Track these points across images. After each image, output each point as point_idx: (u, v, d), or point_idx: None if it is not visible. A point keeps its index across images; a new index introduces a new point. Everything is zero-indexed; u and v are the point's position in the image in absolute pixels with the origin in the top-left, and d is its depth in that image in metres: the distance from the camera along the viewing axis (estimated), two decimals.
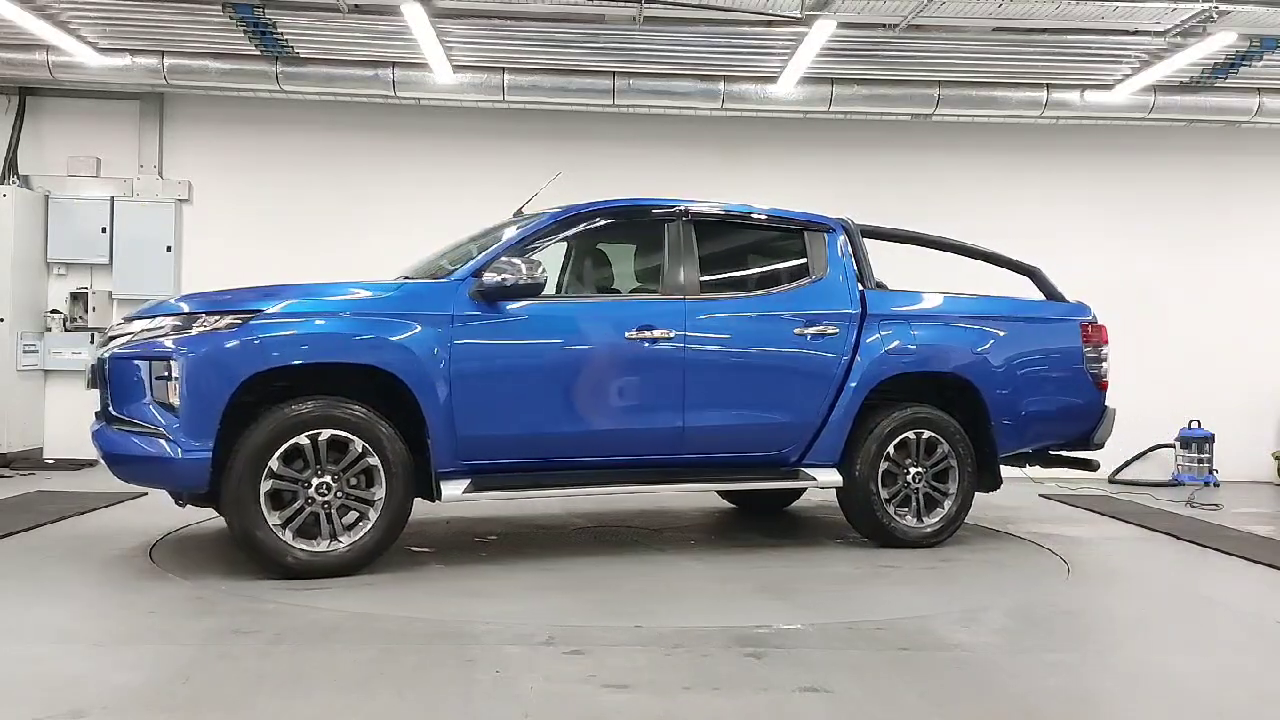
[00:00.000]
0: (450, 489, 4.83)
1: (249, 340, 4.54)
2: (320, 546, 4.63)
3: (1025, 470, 7.17)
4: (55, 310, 9.14)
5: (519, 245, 5.14)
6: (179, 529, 5.78)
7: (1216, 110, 8.93)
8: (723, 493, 7.23)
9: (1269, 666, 3.85)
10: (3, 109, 9.12)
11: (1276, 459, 9.77)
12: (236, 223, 9.25)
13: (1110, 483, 9.39)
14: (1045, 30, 7.72)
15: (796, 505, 7.29)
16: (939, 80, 8.74)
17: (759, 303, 5.64)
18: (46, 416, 9.10)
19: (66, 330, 9.06)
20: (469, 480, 4.88)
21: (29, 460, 8.69)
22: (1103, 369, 6.36)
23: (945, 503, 5.83)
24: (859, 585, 4.97)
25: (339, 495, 4.65)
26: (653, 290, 5.56)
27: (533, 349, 5.05)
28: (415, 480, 4.79)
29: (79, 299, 9.10)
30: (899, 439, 5.73)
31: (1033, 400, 6.07)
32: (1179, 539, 6.40)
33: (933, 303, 6.11)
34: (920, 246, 6.69)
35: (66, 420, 8.62)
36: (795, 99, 8.76)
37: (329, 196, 9.30)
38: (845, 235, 5.99)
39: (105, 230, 9.09)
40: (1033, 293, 6.77)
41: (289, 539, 4.57)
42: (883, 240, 6.37)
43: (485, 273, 4.93)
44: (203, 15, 7.74)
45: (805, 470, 5.65)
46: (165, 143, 9.30)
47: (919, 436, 5.78)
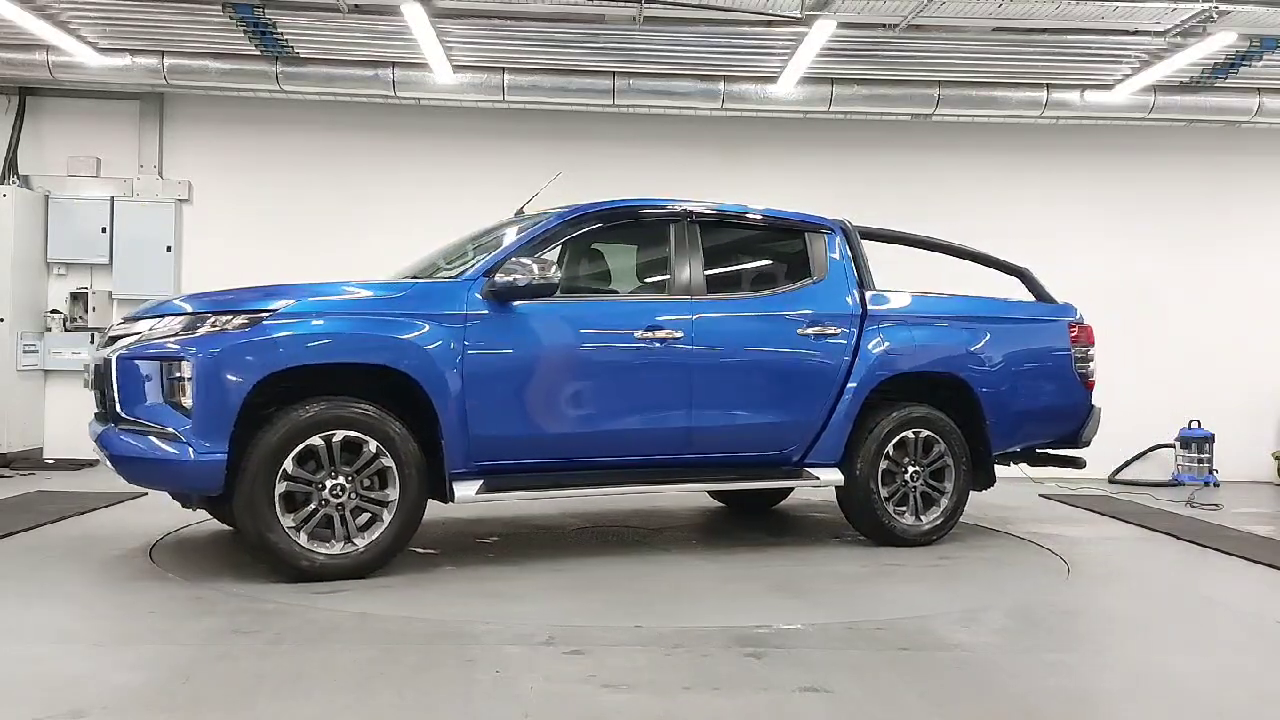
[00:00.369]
0: (463, 490, 4.80)
1: (264, 340, 4.47)
2: (335, 549, 4.57)
3: (1024, 470, 7.22)
4: (55, 310, 9.14)
5: (528, 245, 5.12)
6: (179, 529, 5.78)
7: (1216, 110, 8.93)
8: (713, 492, 7.23)
9: (1269, 666, 3.85)
10: (3, 109, 9.13)
11: (1276, 459, 9.77)
12: (236, 223, 9.25)
13: (1110, 483, 9.40)
14: (1045, 30, 7.72)
15: (784, 504, 7.33)
16: (939, 80, 8.75)
17: (763, 303, 5.69)
18: (46, 416, 9.10)
19: (66, 330, 9.06)
20: (481, 481, 4.86)
21: (29, 460, 8.70)
22: (1090, 369, 6.46)
23: (942, 501, 5.92)
24: (867, 584, 4.99)
25: (353, 497, 4.60)
26: (656, 290, 5.56)
27: (544, 349, 5.03)
28: (428, 481, 4.76)
29: (79, 299, 9.10)
30: (898, 438, 5.80)
31: (1024, 399, 6.18)
32: (1179, 539, 6.40)
33: (929, 304, 6.18)
34: (908, 246, 6.70)
35: (66, 420, 8.62)
36: (795, 99, 8.76)
37: (329, 196, 9.31)
38: (843, 236, 6.05)
39: (105, 230, 9.10)
40: (1021, 293, 6.80)
41: (303, 541, 4.52)
42: (870, 240, 6.39)
43: (497, 272, 4.90)
44: (203, 15, 7.74)
45: (808, 470, 5.70)
46: (165, 143, 9.30)
47: (917, 436, 5.86)
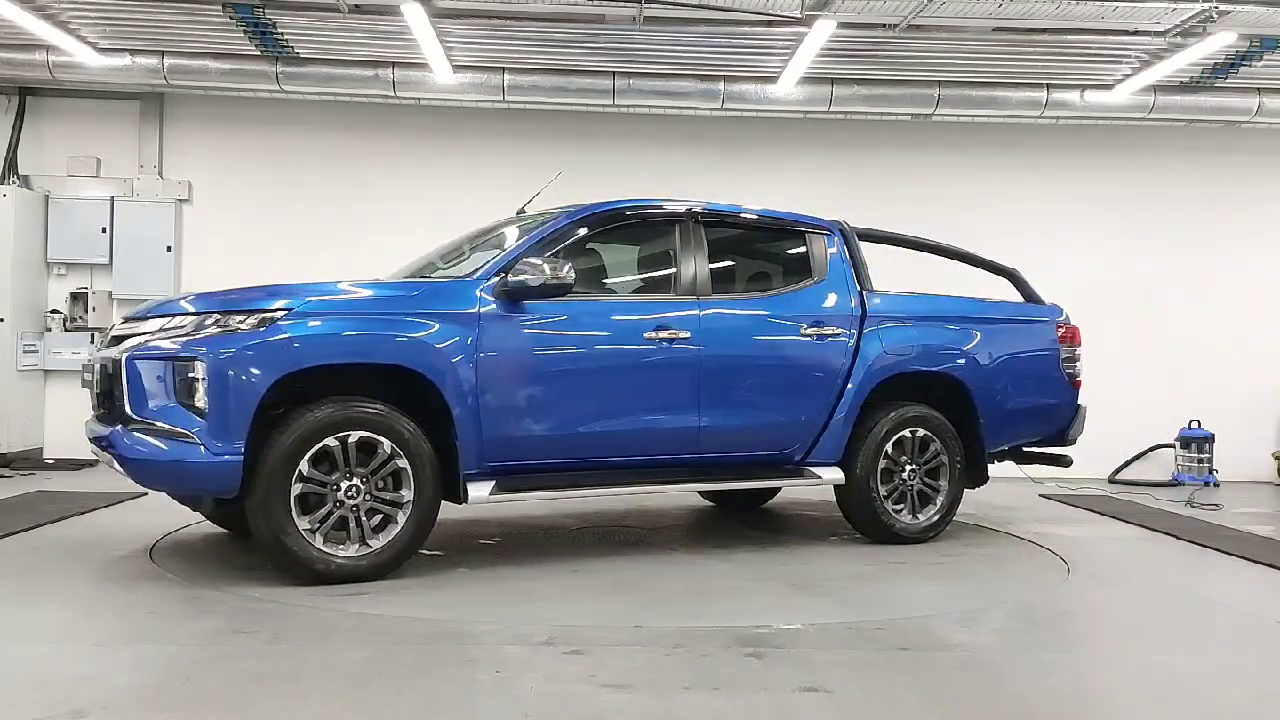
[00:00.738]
0: (476, 490, 4.77)
1: (279, 339, 4.41)
2: (350, 551, 4.52)
3: (1023, 470, 7.29)
4: (55, 310, 9.14)
5: (538, 245, 5.10)
6: (179, 529, 5.78)
7: (1216, 110, 8.93)
8: (703, 491, 7.23)
9: (1269, 666, 3.85)
10: (3, 109, 9.13)
11: (1276, 459, 9.77)
12: (236, 223, 9.26)
13: (1110, 483, 9.40)
14: (1045, 30, 7.72)
15: (772, 503, 7.38)
16: (939, 80, 8.75)
17: (767, 304, 5.73)
18: (46, 416, 9.11)
19: (66, 330, 9.07)
20: (493, 482, 4.83)
21: (29, 460, 8.70)
22: (1076, 368, 6.58)
23: (938, 499, 6.00)
24: (879, 582, 5.03)
25: (367, 498, 4.56)
26: (662, 290, 5.56)
27: (556, 349, 5.02)
28: (441, 482, 4.73)
29: (79, 299, 9.11)
30: (896, 437, 5.86)
31: (1015, 399, 6.30)
32: (1179, 539, 6.40)
33: (925, 304, 6.26)
34: (897, 246, 6.71)
35: (66, 420, 8.61)
36: (795, 99, 8.76)
37: (329, 196, 9.31)
38: (841, 237, 6.12)
39: (105, 230, 9.10)
40: (1007, 294, 6.85)
41: (319, 543, 4.47)
42: (861, 240, 6.40)
43: (510, 272, 4.88)
44: (203, 15, 7.74)
45: (809, 469, 5.75)
46: (165, 143, 9.31)
47: (914, 435, 5.94)
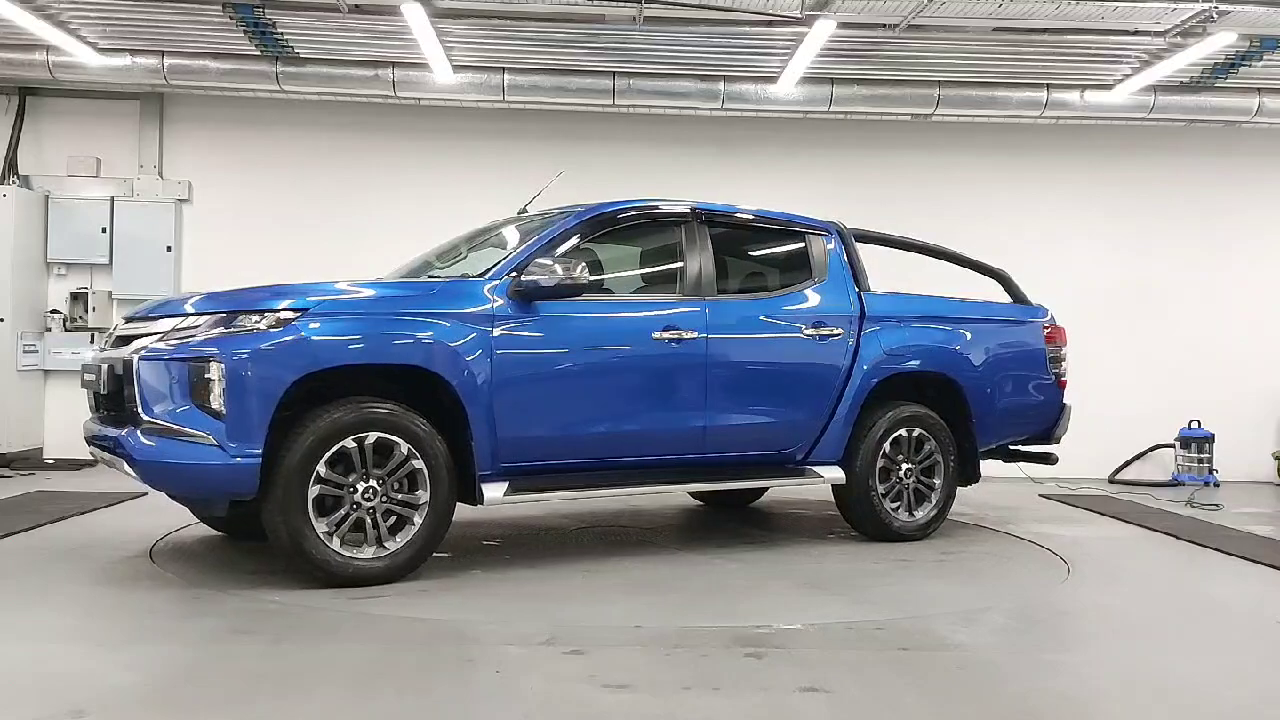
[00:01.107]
0: (491, 491, 4.75)
1: (298, 340, 4.35)
2: (368, 553, 4.48)
3: (1022, 469, 7.33)
4: (55, 310, 9.14)
5: (548, 245, 5.08)
6: (179, 529, 5.78)
7: (1216, 110, 8.93)
8: (692, 491, 7.23)
9: (1269, 666, 3.85)
10: (3, 109, 9.13)
11: (1276, 459, 9.77)
12: (236, 223, 9.25)
13: (1110, 483, 9.40)
14: (1045, 30, 7.72)
15: (759, 502, 7.41)
16: (939, 80, 8.74)
17: (771, 304, 5.77)
18: (46, 416, 9.10)
19: (66, 330, 9.06)
20: (507, 483, 4.81)
21: (29, 460, 8.70)
22: (1062, 368, 6.69)
23: (933, 496, 6.09)
24: (888, 579, 5.07)
25: (383, 500, 4.52)
26: (668, 291, 5.56)
27: (568, 349, 5.01)
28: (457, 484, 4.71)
29: (79, 299, 9.11)
30: (893, 437, 5.94)
31: (1006, 398, 6.41)
32: (1179, 539, 6.40)
33: (920, 305, 6.33)
34: (884, 247, 6.73)
35: (66, 420, 8.61)
36: (795, 99, 8.76)
37: (329, 196, 9.31)
38: (839, 238, 6.17)
39: (105, 230, 9.10)
40: (982, 294, 6.91)
41: (336, 546, 4.42)
42: None
43: (524, 272, 4.86)
44: (203, 15, 7.74)
45: (811, 468, 5.80)
46: (165, 143, 9.31)
47: (910, 434, 6.02)
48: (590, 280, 4.96)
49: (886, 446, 5.90)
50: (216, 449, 4.22)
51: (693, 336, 5.30)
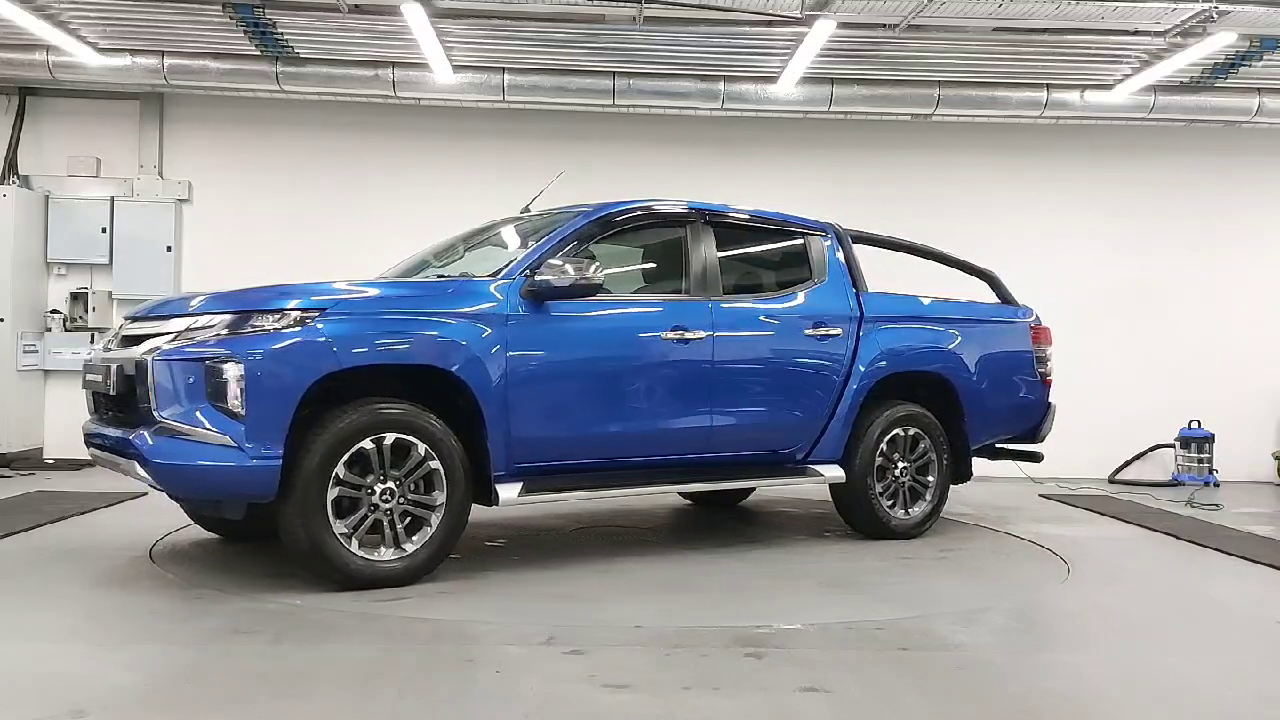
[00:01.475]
0: (506, 492, 4.73)
1: (320, 340, 4.30)
2: (385, 555, 4.44)
3: (1021, 469, 7.36)
4: (55, 310, 9.14)
5: (559, 245, 5.07)
6: (179, 529, 5.77)
7: (1216, 110, 8.93)
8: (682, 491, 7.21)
9: (1269, 666, 3.85)
10: (3, 109, 9.13)
11: (1276, 459, 9.77)
12: (236, 223, 9.25)
13: (1110, 483, 9.40)
14: (1045, 30, 7.72)
15: (745, 501, 7.43)
16: (939, 80, 8.74)
17: (774, 304, 5.82)
18: (46, 416, 9.10)
19: (66, 330, 9.06)
20: (521, 483, 4.80)
21: (29, 460, 8.70)
22: (1048, 368, 6.79)
23: (927, 495, 6.18)
24: (893, 577, 5.10)
25: (400, 501, 4.48)
26: (674, 291, 5.56)
27: (581, 349, 5.01)
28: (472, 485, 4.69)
29: (79, 299, 9.11)
30: (890, 436, 6.01)
31: (996, 397, 6.50)
32: (1179, 539, 6.40)
33: (915, 306, 6.39)
34: (872, 247, 6.74)
35: (66, 420, 8.58)
36: (795, 99, 8.76)
37: (329, 196, 9.31)
38: (836, 239, 6.22)
39: (105, 230, 9.10)
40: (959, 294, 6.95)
41: (355, 548, 4.37)
42: None
43: (538, 272, 4.84)
44: (203, 15, 7.74)
45: (812, 467, 5.85)
46: (165, 143, 9.30)
47: (906, 433, 6.08)
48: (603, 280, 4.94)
49: (883, 445, 5.98)
50: (236, 450, 4.16)
51: (700, 336, 5.33)
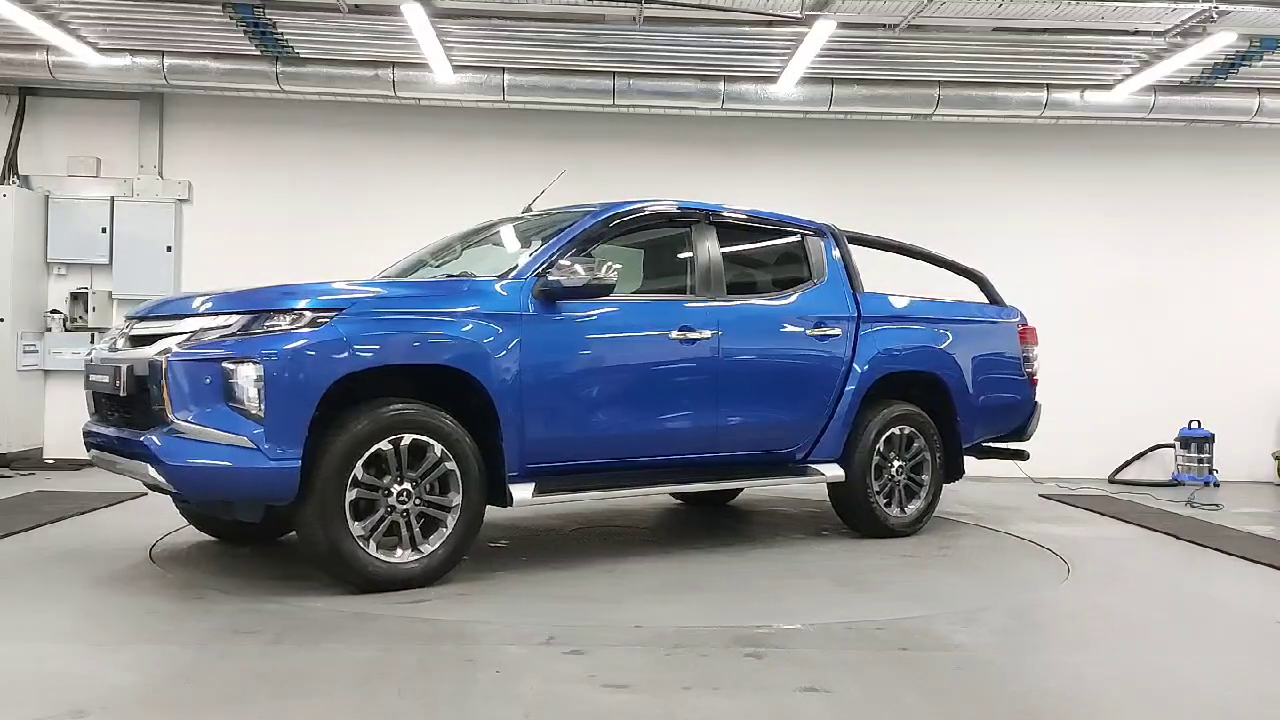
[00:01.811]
0: (519, 493, 4.72)
1: (339, 341, 4.26)
2: (403, 556, 4.41)
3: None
4: (55, 310, 9.14)
5: (569, 244, 5.06)
6: (178, 529, 5.77)
7: (1216, 110, 8.93)
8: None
9: (1269, 666, 3.85)
10: (3, 109, 9.13)
11: (1276, 459, 9.77)
12: (236, 223, 9.25)
13: (1110, 483, 9.40)
14: (1045, 30, 7.72)
15: (734, 501, 7.45)
16: (939, 80, 8.74)
17: (776, 305, 5.86)
18: (46, 416, 9.10)
19: (66, 330, 9.06)
20: (533, 484, 4.79)
21: (29, 460, 8.70)
22: (1034, 367, 6.93)
23: (921, 493, 6.25)
24: (899, 575, 5.15)
25: (416, 503, 4.45)
26: (680, 291, 5.57)
27: (594, 349, 5.02)
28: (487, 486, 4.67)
29: (79, 299, 9.11)
30: (886, 435, 6.07)
31: (986, 396, 6.60)
32: (1179, 539, 6.40)
33: (910, 306, 6.44)
34: (861, 247, 6.73)
35: (66, 420, 8.58)
36: (795, 99, 8.75)
37: (329, 196, 9.30)
38: (834, 239, 6.26)
39: (105, 230, 9.10)
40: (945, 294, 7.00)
41: (372, 550, 4.33)
42: None
43: (550, 272, 4.83)
44: (203, 15, 7.74)
45: (813, 466, 5.88)
46: (165, 143, 9.30)
47: (901, 432, 6.15)
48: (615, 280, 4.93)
49: (880, 445, 6.03)
50: (255, 452, 4.11)
51: (707, 336, 5.35)
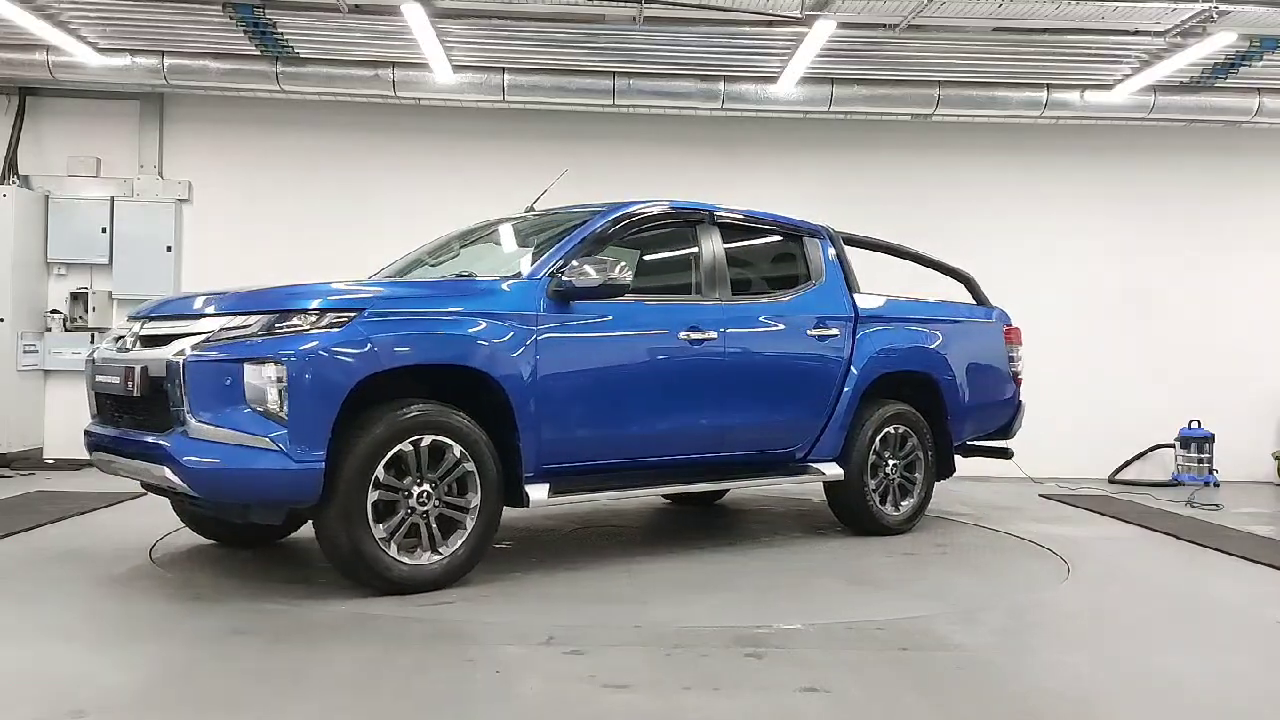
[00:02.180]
0: (535, 493, 4.71)
1: (362, 341, 4.23)
2: (423, 558, 4.39)
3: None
4: (55, 310, 9.14)
5: (581, 244, 5.05)
6: (178, 530, 5.76)
7: (1216, 110, 8.93)
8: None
9: (1269, 666, 3.85)
10: (3, 109, 9.13)
11: (1276, 459, 9.77)
12: (236, 223, 9.25)
13: (1110, 483, 9.40)
14: (1045, 30, 7.72)
15: (722, 501, 7.47)
16: (939, 80, 8.74)
17: (779, 305, 5.88)
18: (46, 416, 9.10)
19: (66, 330, 9.06)
20: (549, 485, 4.79)
21: (29, 460, 8.70)
22: (1019, 367, 7.05)
23: (914, 491, 6.35)
24: (903, 573, 5.18)
25: (436, 504, 4.42)
26: (685, 292, 5.58)
27: (608, 350, 5.03)
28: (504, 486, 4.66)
29: (79, 299, 9.10)
30: (881, 434, 6.14)
31: (975, 395, 6.69)
32: (1179, 539, 6.40)
33: (905, 307, 6.53)
34: (853, 247, 6.74)
35: (66, 420, 8.60)
36: (795, 99, 8.75)
37: (329, 197, 9.30)
38: (831, 240, 6.31)
39: (105, 230, 9.10)
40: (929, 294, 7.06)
41: (394, 552, 4.30)
42: None
43: (565, 272, 4.81)
44: (203, 15, 7.74)
45: (812, 465, 5.93)
46: (165, 143, 9.30)
47: (896, 431, 6.22)
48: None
49: (876, 444, 6.10)
50: (278, 454, 4.05)
51: (714, 337, 5.37)
